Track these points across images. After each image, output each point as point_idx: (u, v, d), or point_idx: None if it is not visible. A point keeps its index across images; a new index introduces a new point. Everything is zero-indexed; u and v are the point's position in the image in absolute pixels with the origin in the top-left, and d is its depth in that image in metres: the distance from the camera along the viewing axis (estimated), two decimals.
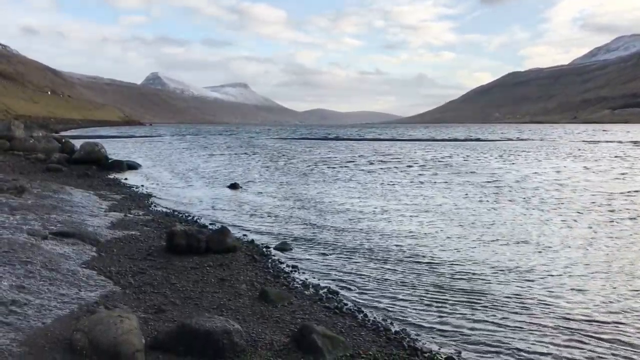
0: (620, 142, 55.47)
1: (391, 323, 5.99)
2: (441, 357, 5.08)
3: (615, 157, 33.51)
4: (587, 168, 25.64)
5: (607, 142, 55.60)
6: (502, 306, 6.53)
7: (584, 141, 58.34)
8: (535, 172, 23.50)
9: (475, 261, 8.56)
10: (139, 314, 5.40)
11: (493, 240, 10.06)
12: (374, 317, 6.13)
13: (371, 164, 29.31)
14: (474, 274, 7.86)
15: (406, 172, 24.23)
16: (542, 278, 7.67)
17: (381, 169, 26.04)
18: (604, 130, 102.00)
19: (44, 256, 7.09)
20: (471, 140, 66.98)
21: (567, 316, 6.21)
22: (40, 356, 4.29)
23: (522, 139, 67.60)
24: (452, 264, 8.39)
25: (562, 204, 14.48)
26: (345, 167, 27.17)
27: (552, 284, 7.39)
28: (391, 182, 20.13)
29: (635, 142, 53.49)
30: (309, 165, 28.07)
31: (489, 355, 5.23)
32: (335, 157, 34.55)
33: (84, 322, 4.62)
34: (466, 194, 16.49)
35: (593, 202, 14.68)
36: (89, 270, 6.96)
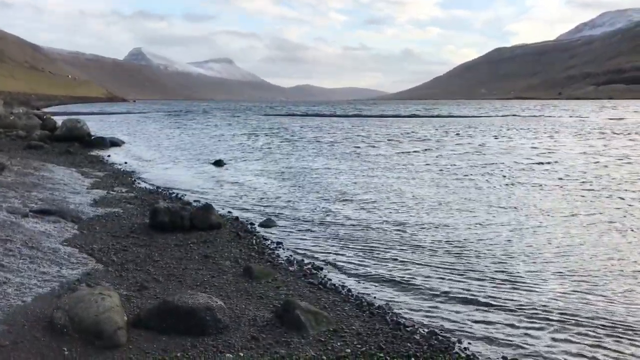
0: None
1: (374, 298, 6.02)
2: (424, 331, 5.12)
3: None
4: None
5: None
6: (486, 281, 6.59)
7: None
8: None
9: (459, 235, 8.62)
10: (121, 292, 5.36)
11: (484, 214, 10.13)
12: (358, 292, 6.15)
13: (357, 140, 29.26)
14: (458, 248, 7.93)
15: (393, 147, 24.24)
16: (528, 255, 7.76)
17: (368, 145, 26.00)
18: None
19: (24, 234, 6.99)
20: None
21: (550, 294, 6.30)
22: (19, 334, 4.24)
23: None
24: (436, 240, 8.43)
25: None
26: (331, 144, 27.07)
27: (542, 261, 7.48)
28: (378, 156, 20.13)
29: None
30: (295, 143, 27.94)
31: (471, 329, 5.28)
32: (322, 135, 34.40)
33: (65, 300, 4.58)
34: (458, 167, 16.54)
35: None
36: (70, 248, 6.88)
